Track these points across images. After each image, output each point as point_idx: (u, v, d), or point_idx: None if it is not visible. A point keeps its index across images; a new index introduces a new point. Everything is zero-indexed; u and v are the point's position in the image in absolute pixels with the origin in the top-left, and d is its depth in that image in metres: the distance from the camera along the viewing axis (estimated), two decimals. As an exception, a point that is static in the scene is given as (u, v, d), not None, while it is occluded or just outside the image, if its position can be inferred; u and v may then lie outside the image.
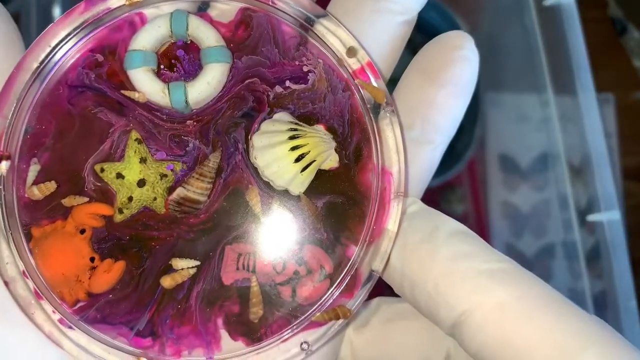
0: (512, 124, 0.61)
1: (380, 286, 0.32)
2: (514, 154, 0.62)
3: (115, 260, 0.31)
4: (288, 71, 0.32)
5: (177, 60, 0.32)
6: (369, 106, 0.31)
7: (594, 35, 0.56)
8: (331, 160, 0.32)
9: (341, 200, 0.32)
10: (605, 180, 0.52)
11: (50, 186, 0.31)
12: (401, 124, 0.31)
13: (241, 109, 0.32)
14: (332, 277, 0.31)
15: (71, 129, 0.32)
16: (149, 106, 0.32)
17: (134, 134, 0.31)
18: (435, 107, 0.32)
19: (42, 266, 0.31)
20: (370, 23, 0.32)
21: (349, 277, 0.31)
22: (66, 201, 0.31)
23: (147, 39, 0.32)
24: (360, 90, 0.32)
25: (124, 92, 0.32)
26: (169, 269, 0.31)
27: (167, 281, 0.31)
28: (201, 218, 0.31)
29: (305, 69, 0.32)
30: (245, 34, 0.32)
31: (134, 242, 0.31)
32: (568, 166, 0.54)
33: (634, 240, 0.57)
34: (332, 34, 0.32)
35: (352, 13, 0.32)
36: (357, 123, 0.32)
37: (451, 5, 0.63)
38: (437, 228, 0.30)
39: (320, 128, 0.32)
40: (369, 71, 0.31)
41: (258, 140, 0.31)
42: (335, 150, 0.32)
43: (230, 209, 0.32)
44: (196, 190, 0.31)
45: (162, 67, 0.32)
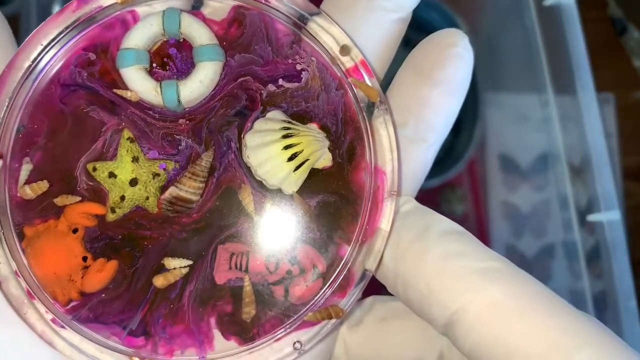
0: (512, 124, 0.61)
1: (374, 284, 0.32)
2: (514, 154, 0.62)
3: (107, 259, 0.31)
4: (281, 69, 0.32)
5: (170, 58, 0.32)
6: (362, 105, 0.31)
7: (594, 35, 0.56)
8: (324, 159, 0.31)
9: (334, 199, 0.31)
10: (605, 180, 0.51)
11: (43, 185, 0.31)
12: (394, 122, 0.31)
13: (234, 108, 0.32)
14: (325, 277, 0.31)
15: (63, 128, 0.31)
16: (141, 105, 0.32)
17: (126, 133, 0.31)
18: (428, 106, 0.32)
19: (35, 265, 0.31)
20: (363, 21, 0.32)
21: (342, 277, 0.31)
22: (58, 200, 0.31)
23: (140, 37, 0.31)
24: (353, 89, 0.31)
25: (116, 91, 0.31)
26: (162, 269, 0.31)
27: (160, 281, 0.31)
28: (194, 217, 0.31)
29: (298, 67, 0.32)
30: (238, 32, 0.32)
31: (127, 242, 0.31)
32: (568, 166, 0.54)
33: (634, 240, 0.56)
34: (326, 32, 0.32)
35: (345, 11, 0.32)
36: (351, 122, 0.32)
37: (451, 5, 0.62)
38: (429, 227, 0.30)
39: (313, 127, 0.32)
40: (362, 69, 0.31)
41: (251, 139, 0.31)
42: (329, 149, 0.31)
43: (223, 208, 0.31)
44: (189, 189, 0.31)
45: (155, 66, 0.32)
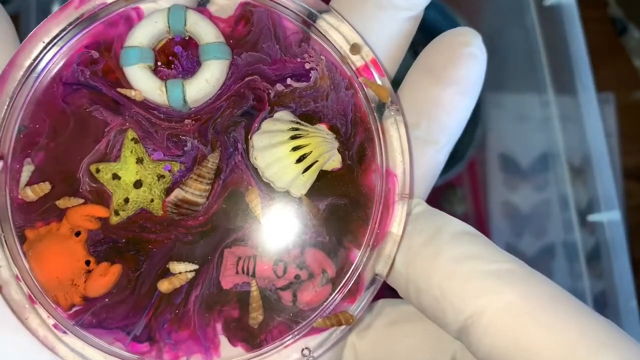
0: (513, 124, 0.61)
1: (383, 288, 0.31)
2: (514, 154, 0.62)
3: (111, 263, 0.30)
4: (289, 68, 0.31)
5: (175, 57, 0.31)
6: (373, 105, 0.30)
7: (594, 35, 0.56)
8: (334, 161, 0.31)
9: (344, 202, 0.31)
10: (606, 180, 0.51)
11: (45, 187, 0.30)
12: (406, 123, 0.30)
13: (241, 108, 0.31)
14: (335, 282, 0.30)
15: (66, 128, 0.31)
16: (145, 104, 0.31)
17: (131, 134, 0.31)
18: (441, 106, 0.31)
19: (36, 270, 0.30)
20: (374, 19, 0.31)
21: (352, 282, 0.30)
22: (61, 203, 0.30)
23: (144, 34, 0.31)
24: (364, 89, 0.31)
25: (120, 90, 0.31)
26: (167, 273, 0.30)
27: (165, 285, 0.30)
28: (199, 220, 0.31)
29: (307, 66, 0.31)
30: (245, 30, 0.31)
31: (131, 245, 0.30)
32: (568, 166, 0.54)
33: (634, 240, 0.56)
34: (335, 30, 0.31)
35: (356, 8, 0.31)
36: (361, 122, 0.31)
37: (451, 5, 0.62)
38: (441, 229, 0.29)
39: (322, 127, 0.31)
40: (373, 69, 0.31)
41: (258, 140, 0.30)
42: (338, 150, 0.31)
43: (229, 211, 0.31)
44: (194, 192, 0.30)
45: (160, 64, 0.31)
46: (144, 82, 0.30)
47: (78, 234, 0.30)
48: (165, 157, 0.31)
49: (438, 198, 0.63)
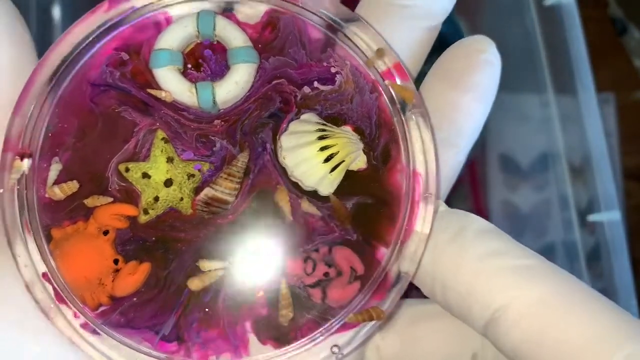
0: (513, 124, 0.61)
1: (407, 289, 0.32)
2: (514, 154, 0.62)
3: (139, 262, 0.30)
4: (315, 72, 0.32)
5: (204, 60, 0.32)
6: (398, 106, 0.31)
7: (595, 35, 0.56)
8: (359, 161, 0.32)
9: (370, 201, 0.31)
10: (606, 180, 0.52)
11: (73, 186, 0.30)
12: (431, 124, 0.31)
13: (268, 110, 0.32)
14: (363, 279, 0.31)
15: (94, 128, 0.31)
16: (175, 106, 0.31)
17: (160, 133, 0.31)
18: (459, 111, 0.32)
19: (63, 268, 0.30)
20: (395, 28, 0.32)
21: (380, 279, 0.31)
22: (89, 201, 0.30)
23: (174, 38, 0.31)
24: (388, 91, 0.32)
25: (150, 91, 0.31)
26: (197, 271, 0.30)
27: (195, 283, 0.30)
28: (229, 219, 0.31)
29: (333, 70, 0.32)
30: (272, 36, 0.32)
31: (160, 244, 0.30)
32: (568, 166, 0.54)
33: (634, 240, 0.57)
34: (360, 36, 0.32)
35: (378, 17, 0.32)
36: (385, 124, 0.32)
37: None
38: (465, 227, 0.30)
39: (347, 129, 0.32)
40: (397, 73, 0.31)
41: (286, 140, 0.31)
42: (363, 151, 0.32)
43: (258, 210, 0.31)
44: (224, 190, 0.30)
45: (189, 67, 0.32)
46: (174, 84, 0.31)
47: (106, 232, 0.30)
48: (195, 157, 0.31)
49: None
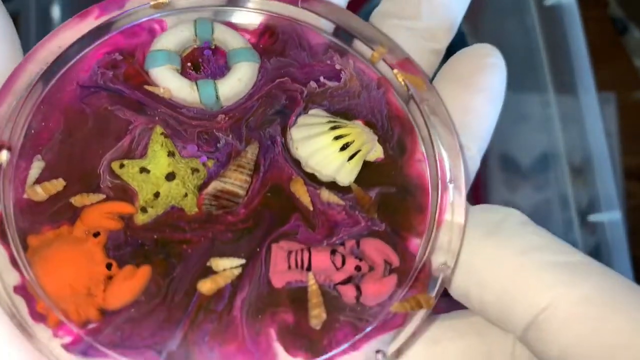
0: (513, 124, 0.60)
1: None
2: (515, 154, 0.60)
3: (137, 267, 0.25)
4: (319, 71, 0.31)
5: (203, 60, 0.30)
6: (410, 93, 0.30)
7: (595, 35, 0.56)
8: (376, 151, 0.29)
9: (394, 190, 0.29)
10: (606, 180, 0.50)
11: (58, 184, 0.26)
12: (448, 111, 0.30)
13: (273, 107, 0.30)
14: (399, 272, 0.27)
15: (83, 127, 0.27)
16: (173, 104, 0.29)
17: (159, 129, 0.28)
18: (471, 114, 0.31)
19: (42, 278, 0.24)
20: (402, 44, 0.32)
21: (418, 272, 0.27)
22: (77, 199, 0.26)
23: (171, 40, 0.30)
24: (397, 84, 0.31)
25: (147, 87, 0.29)
26: (207, 273, 0.25)
27: (207, 285, 0.25)
28: (240, 215, 0.27)
29: (337, 67, 0.31)
30: (271, 40, 0.31)
31: (160, 247, 0.26)
32: (569, 166, 0.52)
33: (634, 240, 0.54)
34: (362, 35, 0.31)
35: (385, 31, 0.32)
36: (397, 117, 0.30)
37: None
38: (503, 220, 0.28)
39: (358, 123, 0.30)
40: (406, 66, 0.31)
41: (297, 132, 0.29)
42: (378, 142, 0.30)
43: (273, 205, 0.27)
44: (235, 182, 0.27)
45: (189, 65, 0.30)
46: (173, 81, 0.29)
47: (97, 234, 0.25)
48: (198, 152, 0.28)
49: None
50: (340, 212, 0.28)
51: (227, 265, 0.25)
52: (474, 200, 0.31)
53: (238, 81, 0.29)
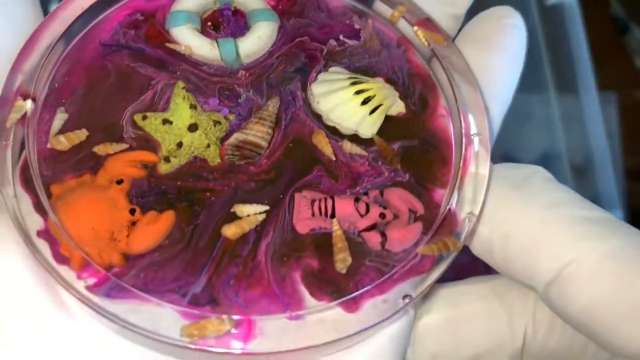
0: (514, 123, 0.58)
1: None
2: (515, 154, 0.59)
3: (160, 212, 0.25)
4: (338, 30, 0.31)
5: (223, 20, 0.30)
6: (432, 48, 0.30)
7: (596, 35, 0.56)
8: (397, 106, 0.29)
9: (416, 143, 0.28)
10: (607, 180, 0.50)
11: (81, 134, 0.26)
12: (469, 66, 0.30)
13: (293, 65, 0.30)
14: (424, 220, 0.26)
15: (105, 82, 0.28)
16: (194, 61, 0.29)
17: (181, 83, 0.28)
18: (492, 74, 0.31)
19: (66, 221, 0.24)
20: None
21: (442, 220, 0.26)
22: (100, 149, 0.26)
23: (191, 1, 0.30)
24: (418, 40, 0.31)
25: (168, 45, 0.29)
26: (232, 219, 0.25)
27: (232, 230, 0.25)
28: (262, 166, 0.27)
29: (356, 26, 0.31)
30: (289, 3, 0.32)
31: (183, 195, 0.26)
32: (570, 166, 0.52)
33: None
34: None
35: None
36: (418, 75, 0.30)
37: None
38: (530, 175, 0.28)
39: (379, 80, 0.30)
40: (427, 24, 0.31)
41: (318, 87, 0.29)
42: (400, 98, 0.29)
43: (295, 155, 0.27)
44: (256, 133, 0.27)
45: (209, 24, 0.30)
46: (193, 39, 0.29)
47: (120, 182, 0.25)
48: (220, 106, 0.28)
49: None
50: (363, 164, 0.27)
51: (252, 211, 0.25)
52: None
53: (258, 39, 0.30)
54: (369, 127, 0.28)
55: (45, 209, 0.24)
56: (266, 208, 0.25)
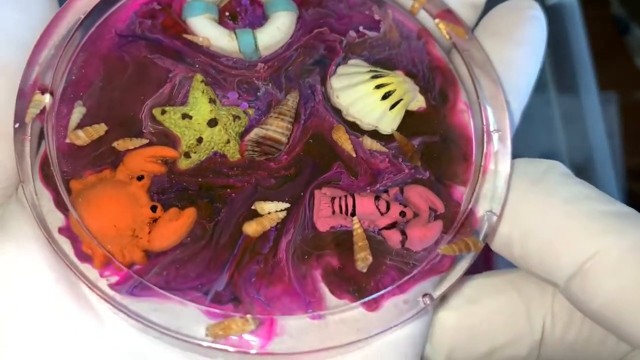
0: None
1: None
2: (516, 154, 0.59)
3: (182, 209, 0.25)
4: (357, 21, 0.31)
5: (241, 10, 0.30)
6: (452, 41, 0.30)
7: (597, 35, 0.56)
8: (418, 101, 0.29)
9: (437, 139, 0.28)
10: (608, 180, 0.50)
11: (100, 129, 0.26)
12: (490, 60, 0.29)
13: (312, 57, 0.29)
14: (444, 219, 0.26)
15: (123, 74, 0.27)
16: (212, 53, 0.29)
17: (199, 76, 0.27)
18: (512, 68, 0.30)
19: (87, 218, 0.24)
20: None
21: (464, 218, 0.26)
22: (120, 144, 0.25)
23: (209, -10, 0.29)
24: (439, 32, 0.30)
25: (185, 36, 0.28)
26: (253, 216, 0.25)
27: (253, 227, 0.25)
28: (282, 162, 0.27)
29: (376, 17, 0.31)
30: (308, -7, 0.31)
31: (204, 192, 0.25)
32: (570, 166, 0.52)
33: None
34: None
35: None
36: (438, 68, 0.30)
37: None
38: (548, 170, 0.28)
39: (399, 73, 0.29)
40: (447, 16, 0.30)
41: (337, 81, 0.28)
42: (420, 92, 0.29)
43: (315, 151, 0.27)
44: (276, 129, 0.27)
45: (227, 14, 0.30)
46: (211, 30, 0.29)
47: (140, 178, 0.25)
48: (239, 99, 0.28)
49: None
50: (383, 160, 0.27)
51: (272, 209, 0.25)
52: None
53: (277, 29, 0.29)
54: (389, 123, 0.28)
55: (66, 205, 0.24)
56: (287, 206, 0.25)
